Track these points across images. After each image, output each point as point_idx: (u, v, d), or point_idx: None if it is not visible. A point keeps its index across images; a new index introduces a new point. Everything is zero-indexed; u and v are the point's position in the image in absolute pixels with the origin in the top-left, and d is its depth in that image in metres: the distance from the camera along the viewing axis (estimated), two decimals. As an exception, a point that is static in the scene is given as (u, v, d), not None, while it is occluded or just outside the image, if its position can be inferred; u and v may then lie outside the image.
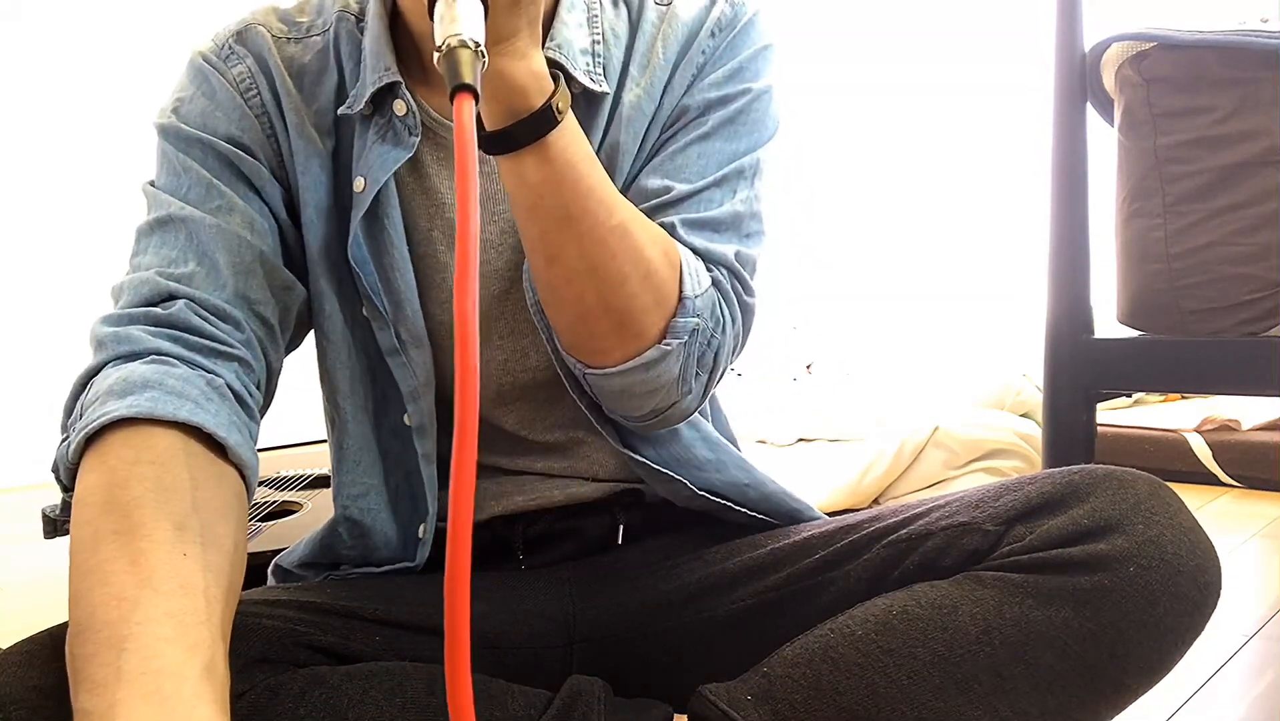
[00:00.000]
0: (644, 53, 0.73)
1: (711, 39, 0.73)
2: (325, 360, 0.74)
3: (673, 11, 0.74)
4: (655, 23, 0.74)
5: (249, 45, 0.71)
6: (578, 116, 0.68)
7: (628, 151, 0.72)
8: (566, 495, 0.78)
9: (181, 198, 0.67)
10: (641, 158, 0.73)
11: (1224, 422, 2.25)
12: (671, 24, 0.74)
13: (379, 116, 0.69)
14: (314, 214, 0.71)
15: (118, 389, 0.56)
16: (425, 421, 0.72)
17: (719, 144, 0.72)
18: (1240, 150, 1.02)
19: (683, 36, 0.73)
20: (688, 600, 0.73)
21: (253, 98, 0.70)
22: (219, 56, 0.71)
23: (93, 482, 0.54)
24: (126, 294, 0.63)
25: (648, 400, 0.68)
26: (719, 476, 0.78)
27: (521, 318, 0.74)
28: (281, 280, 0.69)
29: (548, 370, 0.75)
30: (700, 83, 0.73)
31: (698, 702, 0.63)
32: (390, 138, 0.69)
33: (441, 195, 0.72)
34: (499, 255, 0.73)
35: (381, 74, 0.68)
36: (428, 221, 0.72)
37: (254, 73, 0.70)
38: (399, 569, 0.75)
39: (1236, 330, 1.05)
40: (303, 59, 0.72)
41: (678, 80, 0.73)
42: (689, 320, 0.65)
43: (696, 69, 0.73)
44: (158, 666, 0.46)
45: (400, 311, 0.71)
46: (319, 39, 0.72)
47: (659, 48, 0.73)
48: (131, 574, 0.49)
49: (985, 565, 0.63)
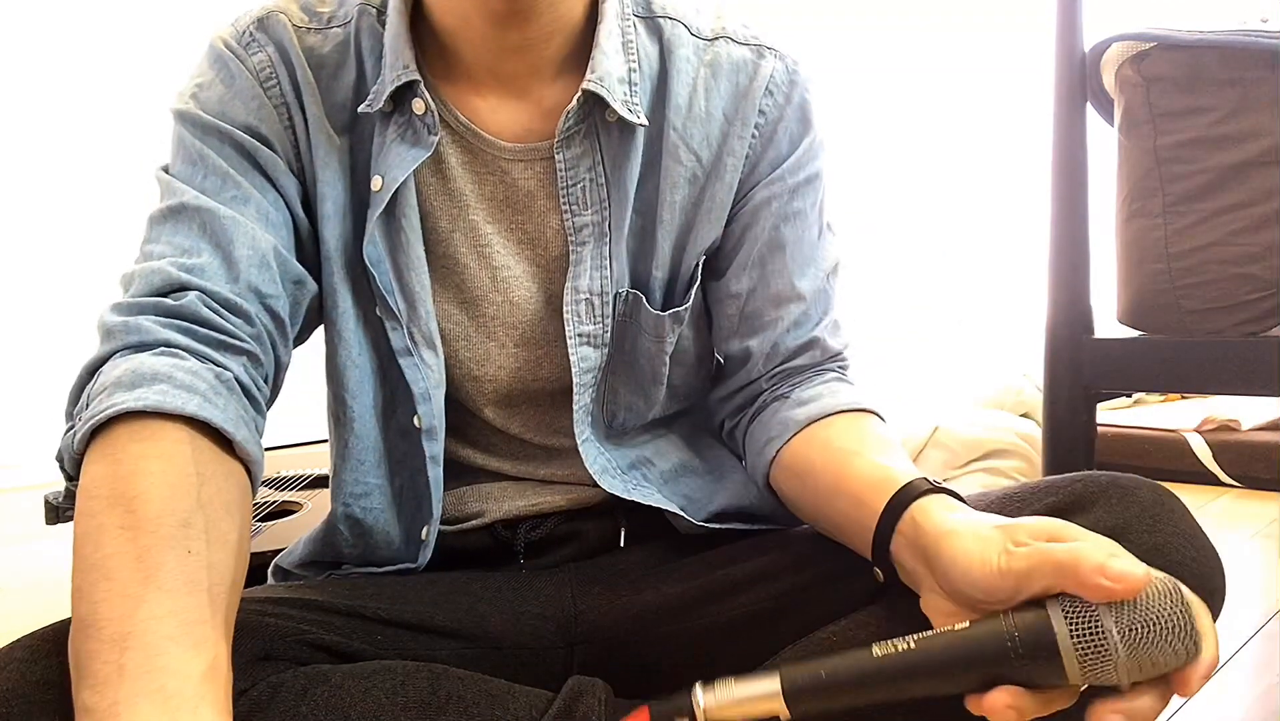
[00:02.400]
0: (683, 95, 0.72)
1: (770, 98, 0.74)
2: (334, 357, 0.73)
3: (715, 55, 0.73)
4: (693, 61, 0.73)
5: (270, 33, 0.70)
6: (610, 148, 0.70)
7: (674, 187, 0.73)
8: (569, 499, 0.78)
9: (196, 186, 0.66)
10: (707, 211, 0.74)
11: (1224, 422, 2.25)
12: (715, 71, 0.73)
13: (398, 115, 0.68)
14: (331, 209, 0.70)
15: (126, 380, 0.56)
16: (435, 423, 0.72)
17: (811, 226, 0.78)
18: (1240, 150, 1.02)
19: (729, 91, 0.73)
20: (691, 603, 0.72)
21: (272, 87, 0.69)
22: (239, 43, 0.69)
23: (98, 474, 0.53)
24: (137, 282, 0.62)
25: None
26: (721, 497, 0.78)
27: (539, 328, 0.74)
28: (294, 274, 0.68)
29: (559, 380, 0.75)
30: (775, 168, 0.75)
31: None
32: (410, 137, 0.68)
33: (464, 197, 0.72)
34: (516, 262, 0.73)
35: (400, 72, 0.67)
36: (449, 223, 0.72)
37: (275, 62, 0.69)
38: (401, 569, 0.75)
39: (1236, 330, 1.05)
40: (322, 50, 0.70)
41: (734, 137, 0.73)
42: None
43: (756, 130, 0.74)
44: (161, 665, 0.46)
45: (414, 312, 0.71)
46: (339, 30, 0.71)
47: (701, 94, 0.73)
48: (136, 570, 0.49)
49: None
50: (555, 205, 0.72)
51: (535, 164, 0.71)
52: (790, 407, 0.75)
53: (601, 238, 0.71)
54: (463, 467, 0.79)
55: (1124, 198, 1.14)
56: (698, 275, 0.75)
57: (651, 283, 0.74)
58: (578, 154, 0.70)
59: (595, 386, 0.75)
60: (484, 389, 0.75)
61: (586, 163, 0.70)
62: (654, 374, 0.76)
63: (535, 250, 0.73)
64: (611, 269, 0.72)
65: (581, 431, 0.75)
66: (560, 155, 0.69)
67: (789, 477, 0.72)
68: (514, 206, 0.72)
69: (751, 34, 0.75)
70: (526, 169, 0.71)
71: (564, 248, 0.72)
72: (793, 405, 0.75)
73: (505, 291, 0.73)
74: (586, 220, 0.71)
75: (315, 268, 0.71)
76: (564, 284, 0.72)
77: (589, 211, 0.71)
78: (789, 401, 0.75)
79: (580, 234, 0.71)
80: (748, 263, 0.76)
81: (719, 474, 0.81)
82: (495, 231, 0.72)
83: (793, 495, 0.73)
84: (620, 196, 0.71)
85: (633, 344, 0.75)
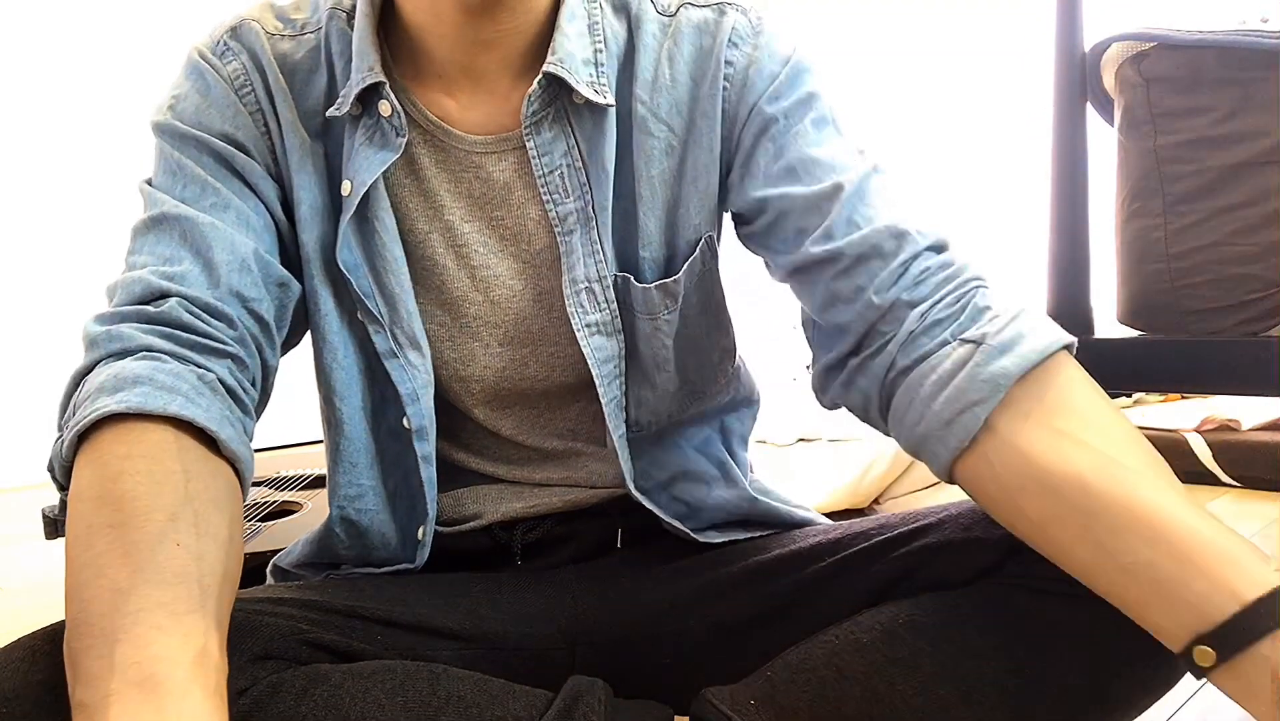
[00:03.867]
0: (648, 68, 0.71)
1: (735, 49, 0.70)
2: (321, 360, 0.73)
3: (676, 25, 0.71)
4: (657, 35, 0.72)
5: (243, 41, 0.71)
6: (583, 130, 0.69)
7: (648, 161, 0.71)
8: (565, 501, 0.78)
9: (177, 196, 0.66)
10: (692, 181, 0.71)
11: (1224, 422, 2.25)
12: (677, 38, 0.71)
13: (366, 117, 0.68)
14: (308, 213, 0.70)
15: (109, 385, 0.56)
16: (425, 423, 0.72)
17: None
18: (1240, 150, 1.02)
19: (692, 54, 0.71)
20: (692, 603, 0.72)
21: (247, 94, 0.70)
22: (214, 53, 0.70)
23: (86, 478, 0.54)
24: (119, 293, 0.63)
25: None
26: (726, 508, 0.78)
27: (522, 327, 0.73)
28: (277, 277, 0.68)
29: (547, 381, 0.75)
30: (755, 106, 0.70)
31: (700, 705, 0.63)
32: (377, 139, 0.68)
33: (439, 197, 0.71)
34: (498, 260, 0.72)
35: (365, 74, 0.67)
36: (426, 224, 0.72)
37: (248, 69, 0.70)
38: (400, 570, 0.75)
39: (1236, 330, 1.05)
40: (295, 56, 0.71)
41: (705, 99, 0.70)
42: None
43: (726, 82, 0.70)
44: (150, 654, 0.46)
45: (395, 314, 0.71)
46: (312, 36, 0.71)
47: (665, 63, 0.71)
48: (124, 565, 0.49)
49: (995, 580, 0.63)
50: (533, 195, 0.71)
51: (508, 154, 0.71)
52: (952, 353, 0.60)
53: (588, 223, 0.70)
54: (458, 470, 0.79)
55: (1124, 198, 1.14)
56: (696, 249, 0.73)
57: (640, 264, 0.73)
58: (549, 139, 0.69)
59: (621, 377, 0.74)
60: (471, 389, 0.75)
61: (560, 148, 0.69)
62: (655, 358, 0.74)
63: (518, 245, 0.72)
64: (605, 253, 0.71)
65: (616, 427, 0.73)
66: (531, 141, 0.68)
67: (1031, 489, 0.56)
68: (491, 202, 0.72)
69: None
70: (500, 160, 0.71)
71: (547, 239, 0.72)
72: (949, 345, 0.61)
73: (486, 291, 0.72)
74: (570, 208, 0.70)
75: (299, 270, 0.71)
76: (551, 278, 0.72)
77: (570, 198, 0.70)
78: (938, 338, 0.62)
79: (565, 222, 0.70)
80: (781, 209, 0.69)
81: (723, 482, 0.80)
82: (473, 230, 0.72)
83: (1035, 513, 0.57)
84: (600, 178, 0.69)
85: (629, 328, 0.74)
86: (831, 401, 0.70)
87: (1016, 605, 0.61)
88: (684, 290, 0.73)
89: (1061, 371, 0.59)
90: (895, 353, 0.63)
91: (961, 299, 0.63)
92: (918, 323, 0.63)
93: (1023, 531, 0.58)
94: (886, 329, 0.64)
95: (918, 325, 0.62)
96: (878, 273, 0.64)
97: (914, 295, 0.64)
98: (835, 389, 0.69)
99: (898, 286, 0.64)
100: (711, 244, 0.75)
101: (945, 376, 0.60)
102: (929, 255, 0.65)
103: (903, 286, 0.64)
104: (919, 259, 0.64)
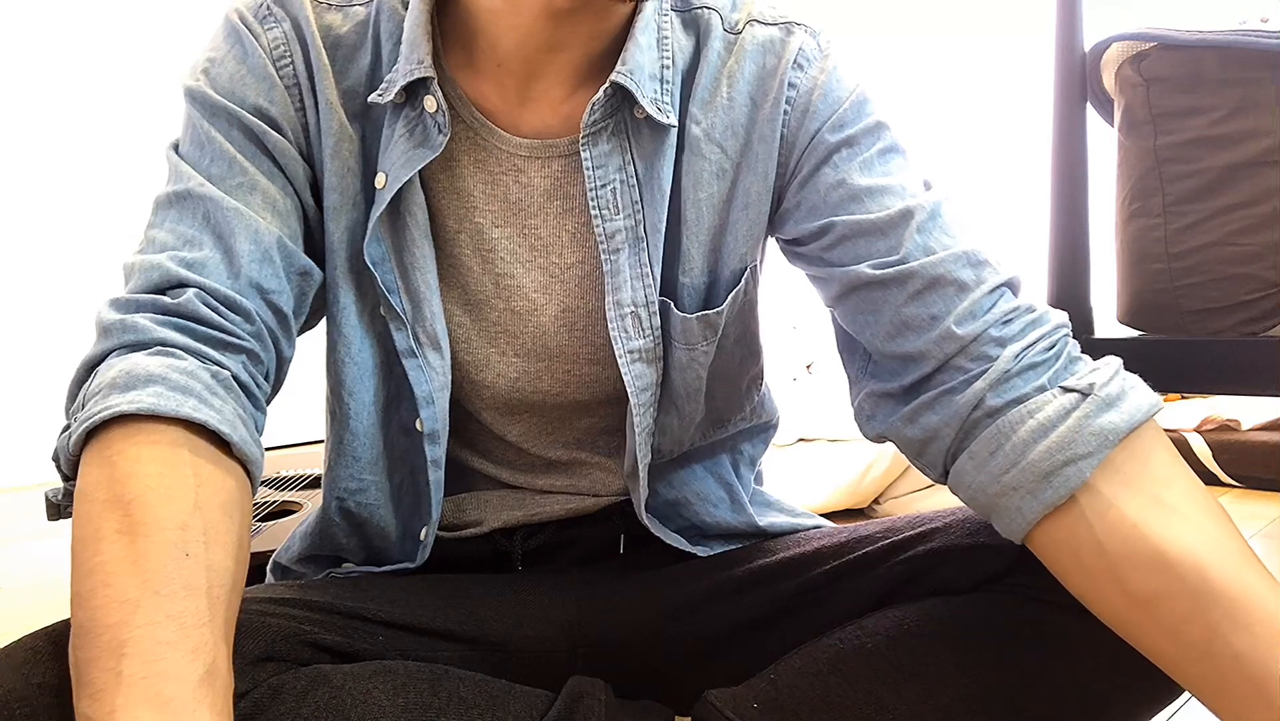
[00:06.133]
0: (707, 86, 0.67)
1: (801, 71, 0.67)
2: (333, 352, 0.71)
3: (740, 43, 0.68)
4: (721, 54, 0.68)
5: (287, 8, 0.67)
6: (641, 147, 0.66)
7: (697, 184, 0.68)
8: (567, 509, 0.77)
9: (203, 171, 0.64)
10: (742, 207, 0.68)
11: (1224, 422, 2.25)
12: (739, 56, 0.68)
13: (409, 109, 0.65)
14: (337, 199, 0.67)
15: (121, 382, 0.55)
16: (438, 427, 0.70)
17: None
18: (1240, 150, 1.02)
19: (754, 73, 0.68)
20: (694, 606, 0.72)
21: (285, 67, 0.66)
22: (255, 17, 0.66)
23: (95, 478, 0.53)
24: (136, 277, 0.61)
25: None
26: (728, 530, 0.79)
27: (539, 341, 0.71)
28: (299, 265, 0.66)
29: (560, 394, 0.73)
30: (817, 134, 0.67)
31: (702, 708, 0.63)
32: (419, 134, 0.65)
33: (472, 197, 0.69)
34: (524, 271, 0.70)
35: (414, 66, 0.63)
36: (456, 222, 0.69)
37: (289, 39, 0.66)
38: (400, 569, 0.75)
39: (1236, 330, 1.05)
40: (341, 30, 0.67)
41: (764, 121, 0.67)
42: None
43: (788, 105, 0.67)
44: (158, 670, 0.46)
45: (419, 312, 0.68)
46: (362, 9, 0.67)
47: (724, 83, 0.68)
48: (133, 575, 0.49)
49: (1001, 589, 0.63)
50: (572, 208, 0.69)
51: (552, 162, 0.68)
52: (1053, 400, 0.57)
53: (638, 243, 0.67)
54: (461, 469, 0.78)
55: (1124, 198, 1.14)
56: (741, 280, 0.70)
57: (680, 290, 0.69)
58: (605, 151, 0.66)
59: (655, 406, 0.71)
60: (482, 394, 0.74)
61: (616, 162, 0.66)
62: (687, 388, 0.72)
63: (547, 257, 0.70)
64: (654, 277, 0.67)
65: (644, 456, 0.71)
66: (587, 151, 0.65)
67: (1140, 562, 0.53)
68: (526, 210, 0.69)
69: (779, 14, 0.70)
70: (543, 167, 0.68)
71: (578, 255, 0.70)
72: (1047, 392, 0.57)
73: (507, 299, 0.71)
74: (619, 225, 0.66)
75: (322, 257, 0.69)
76: (576, 295, 0.70)
77: (620, 215, 0.66)
78: (1035, 382, 0.58)
79: (613, 240, 0.67)
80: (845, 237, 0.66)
81: (729, 505, 0.80)
82: (502, 236, 0.69)
83: (1143, 588, 0.53)
84: (655, 199, 0.66)
85: (665, 356, 0.71)
86: (879, 434, 0.66)
87: (1022, 615, 0.61)
88: (725, 322, 0.71)
89: (1156, 436, 0.56)
90: (985, 391, 0.58)
91: (1055, 345, 0.59)
92: (1012, 362, 0.58)
93: (1115, 605, 0.54)
94: (970, 365, 0.60)
95: (1012, 365, 0.58)
96: (956, 302, 0.60)
97: (1004, 333, 0.60)
98: (893, 421, 0.64)
99: (983, 320, 0.60)
100: (755, 274, 0.72)
101: (1046, 424, 0.56)
102: (1007, 292, 0.62)
103: (988, 321, 0.60)
104: (1000, 295, 0.61)
